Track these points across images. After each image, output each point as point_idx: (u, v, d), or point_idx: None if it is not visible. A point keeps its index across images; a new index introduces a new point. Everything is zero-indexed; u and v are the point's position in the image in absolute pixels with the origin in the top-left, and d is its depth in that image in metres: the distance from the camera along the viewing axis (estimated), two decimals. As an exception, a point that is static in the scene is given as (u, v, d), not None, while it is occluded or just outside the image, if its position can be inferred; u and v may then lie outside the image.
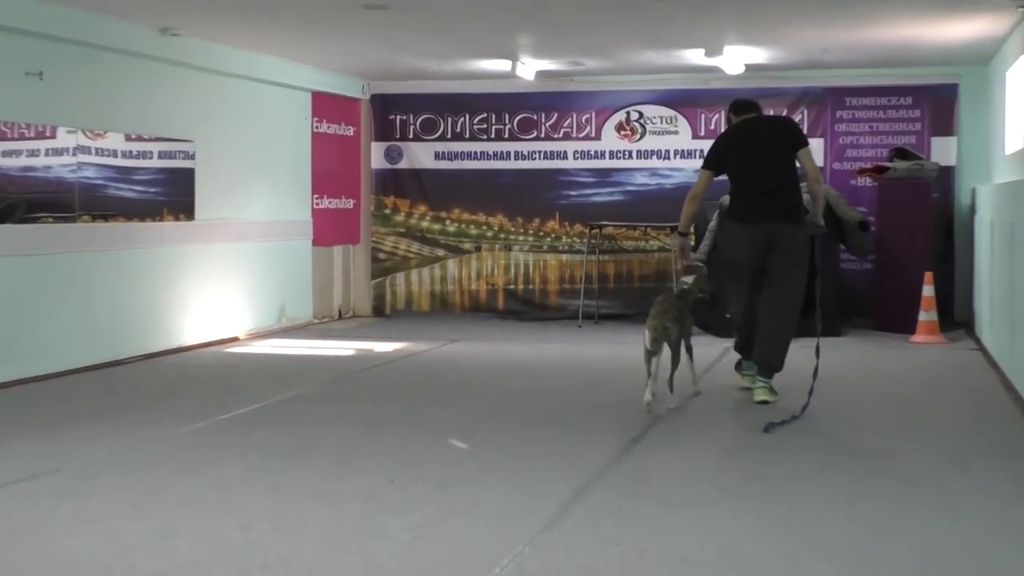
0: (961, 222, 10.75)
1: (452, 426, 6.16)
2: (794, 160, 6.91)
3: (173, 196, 9.25)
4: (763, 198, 6.85)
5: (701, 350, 7.28)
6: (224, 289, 9.80)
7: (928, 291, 9.67)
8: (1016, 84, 8.58)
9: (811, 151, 6.94)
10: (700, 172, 7.08)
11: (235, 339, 9.86)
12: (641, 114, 11.52)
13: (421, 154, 11.94)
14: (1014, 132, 8.59)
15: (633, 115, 11.54)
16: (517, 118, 11.75)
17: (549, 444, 5.72)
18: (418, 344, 9.64)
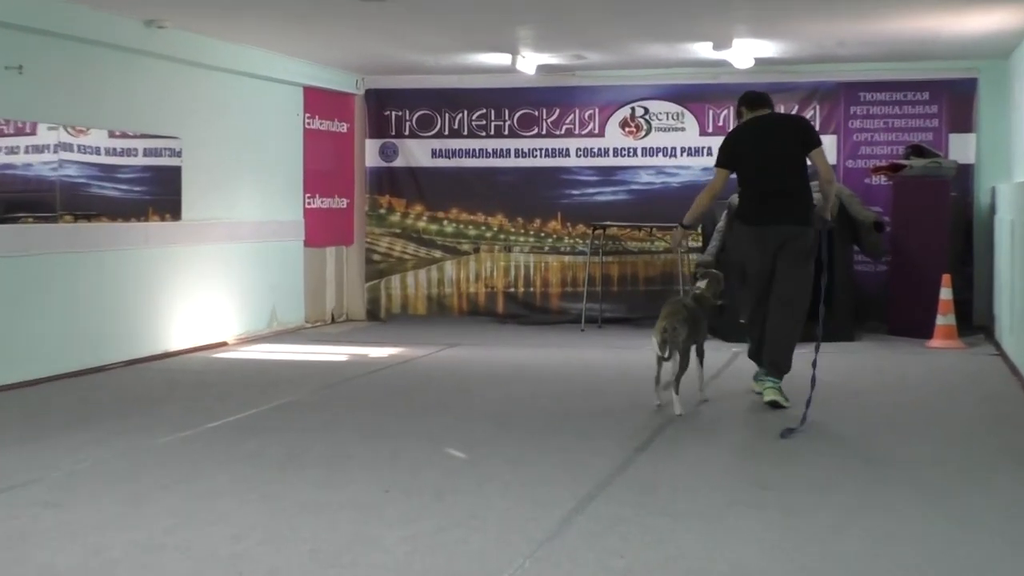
0: (980, 222, 10.76)
1: (449, 434, 6.16)
2: (805, 160, 6.96)
3: (159, 195, 9.26)
4: (773, 200, 6.91)
5: (709, 355, 7.28)
6: (212, 292, 9.81)
7: (946, 294, 9.67)
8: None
9: (824, 151, 6.98)
10: (715, 171, 7.14)
11: (224, 344, 9.87)
12: (646, 110, 11.53)
13: (417, 152, 11.95)
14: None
15: (638, 111, 11.55)
16: (517, 114, 11.76)
17: (550, 453, 5.72)
18: (414, 349, 9.65)
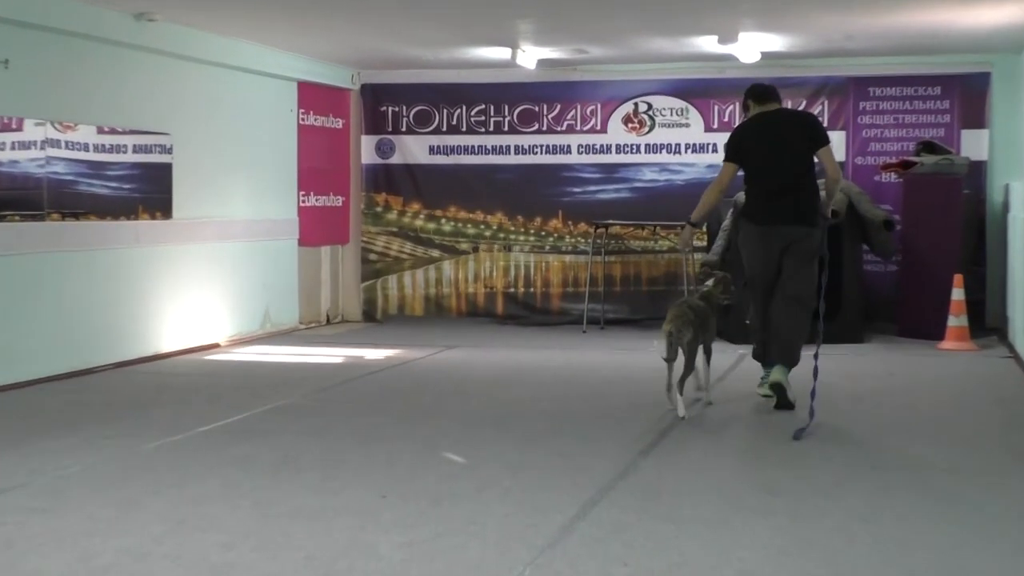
0: (993, 220, 10.76)
1: (447, 438, 6.16)
2: (813, 158, 6.99)
3: (149, 193, 9.26)
4: (779, 199, 6.96)
5: (715, 356, 7.29)
6: (204, 292, 9.80)
7: (957, 295, 9.67)
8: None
9: (832, 149, 7.02)
10: (722, 165, 7.19)
11: (215, 346, 9.87)
12: (650, 105, 11.54)
13: (415, 148, 11.95)
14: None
15: (641, 107, 11.55)
16: (517, 110, 11.77)
17: (552, 457, 5.72)
18: (411, 351, 9.65)
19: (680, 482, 5.23)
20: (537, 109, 11.74)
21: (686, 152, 11.46)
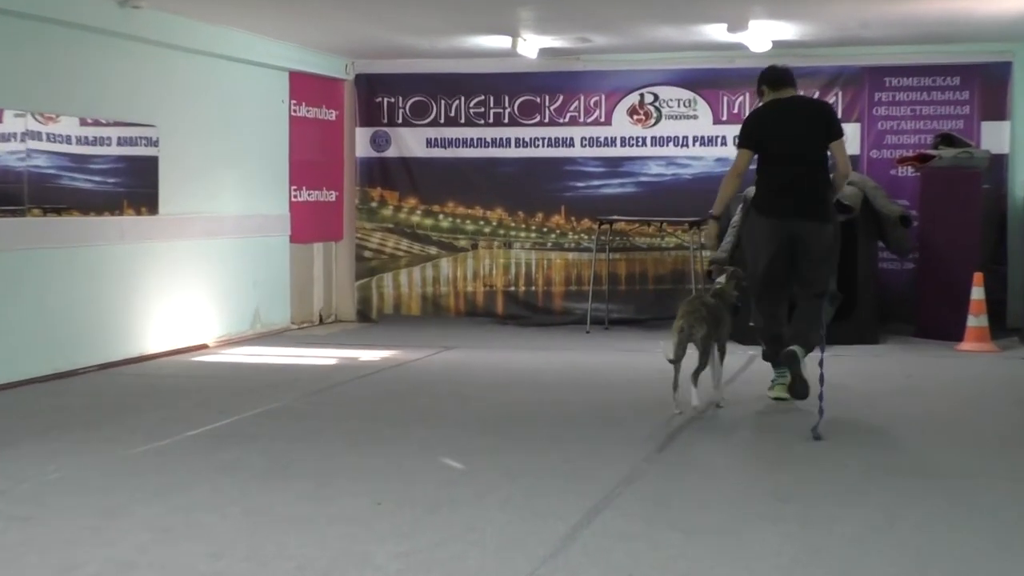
0: (1015, 216, 10.76)
1: (445, 443, 6.16)
2: (827, 151, 7.01)
3: (134, 187, 9.26)
4: (790, 191, 6.99)
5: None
6: (191, 291, 9.81)
7: (977, 294, 9.67)
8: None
9: (845, 143, 7.05)
10: (737, 151, 7.21)
11: (204, 347, 9.87)
12: (656, 96, 11.53)
13: (411, 141, 11.95)
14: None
15: (647, 98, 11.55)
16: (518, 101, 11.77)
17: (554, 463, 5.72)
18: (408, 352, 9.65)
19: (687, 489, 5.24)
20: (539, 100, 11.74)
21: (694, 145, 11.46)
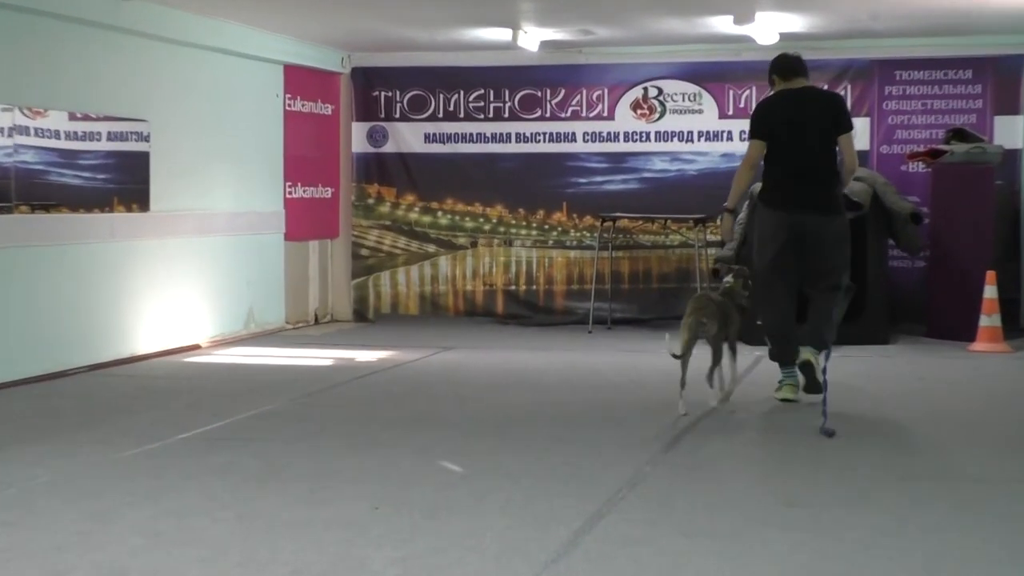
0: (1028, 213, 10.77)
1: (444, 446, 6.17)
2: (836, 144, 7.07)
3: (124, 184, 9.26)
4: (797, 184, 7.07)
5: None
6: (184, 290, 9.81)
7: (990, 293, 9.67)
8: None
9: (853, 137, 7.10)
10: (749, 142, 7.27)
11: (196, 347, 9.87)
12: (660, 90, 11.53)
13: (409, 136, 11.95)
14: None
15: (651, 92, 11.55)
16: (519, 95, 11.76)
17: (555, 466, 5.72)
18: (405, 353, 9.65)
19: (693, 493, 5.23)
20: (540, 94, 11.73)
21: (699, 140, 11.46)
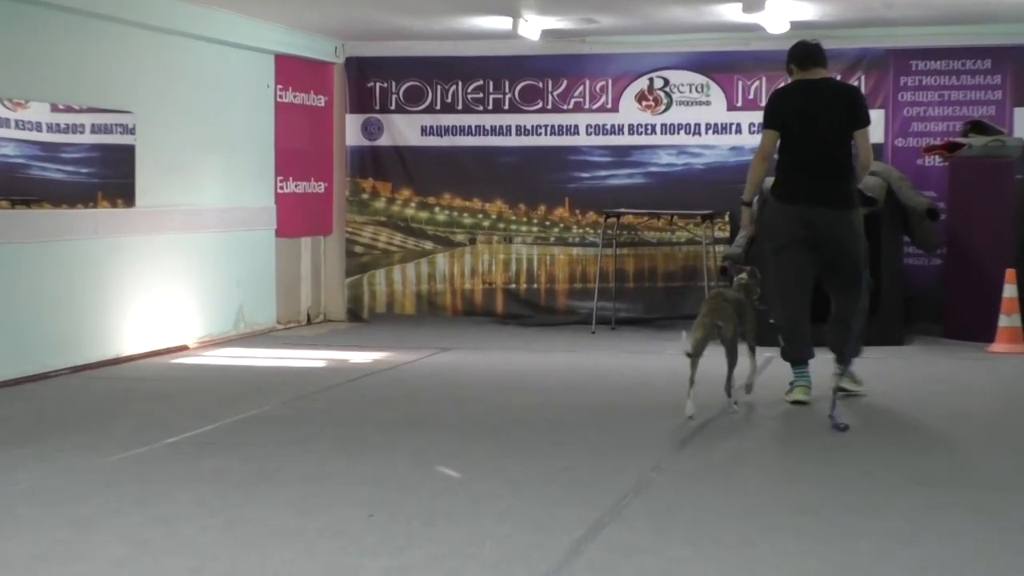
0: (1049, 209, 10.74)
1: (442, 451, 6.16)
2: (851, 138, 7.13)
3: (109, 178, 9.26)
4: (810, 178, 7.13)
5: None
6: (171, 289, 9.80)
7: (1009, 292, 9.67)
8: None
9: (869, 132, 7.15)
10: (763, 132, 7.33)
11: (184, 348, 9.87)
12: (666, 81, 11.52)
13: (405, 129, 11.95)
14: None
15: (657, 82, 11.54)
16: (519, 86, 11.76)
17: (557, 471, 5.72)
18: (401, 354, 9.65)
19: (699, 499, 5.23)
20: (541, 85, 11.73)
21: (707, 133, 11.45)
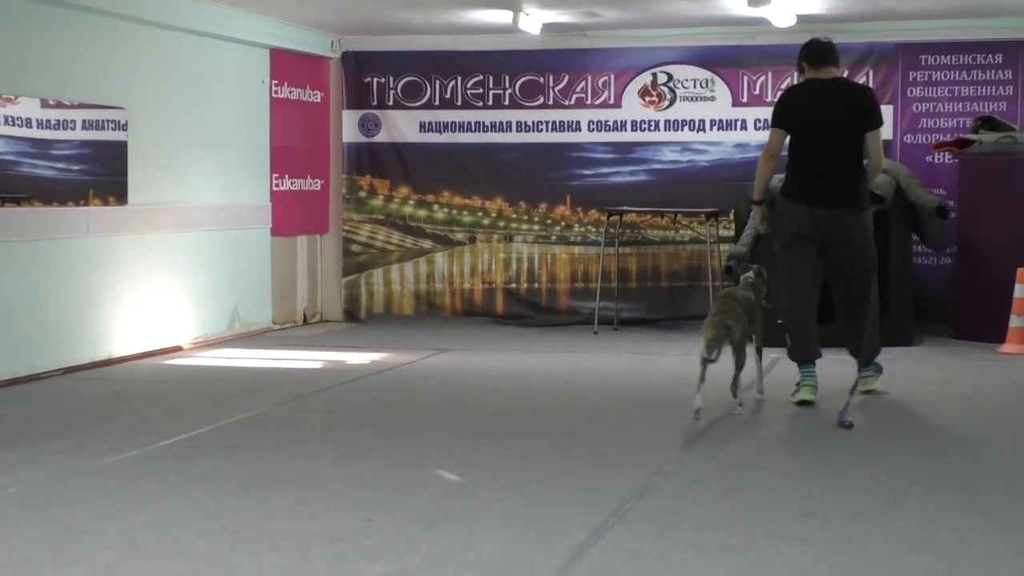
0: (1061, 207, 10.74)
1: (441, 454, 6.16)
2: (862, 140, 7.18)
3: (101, 175, 9.26)
4: (820, 179, 7.18)
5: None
6: (164, 288, 9.80)
7: (1020, 291, 9.67)
8: None
9: (880, 134, 7.20)
10: (770, 131, 7.40)
11: (178, 349, 9.87)
12: (670, 76, 11.53)
13: (403, 125, 11.95)
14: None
15: (660, 78, 11.54)
16: (520, 81, 11.76)
17: (558, 475, 5.72)
18: (399, 355, 9.65)
19: (704, 503, 5.23)
20: (542, 81, 11.73)
21: (711, 129, 11.46)
